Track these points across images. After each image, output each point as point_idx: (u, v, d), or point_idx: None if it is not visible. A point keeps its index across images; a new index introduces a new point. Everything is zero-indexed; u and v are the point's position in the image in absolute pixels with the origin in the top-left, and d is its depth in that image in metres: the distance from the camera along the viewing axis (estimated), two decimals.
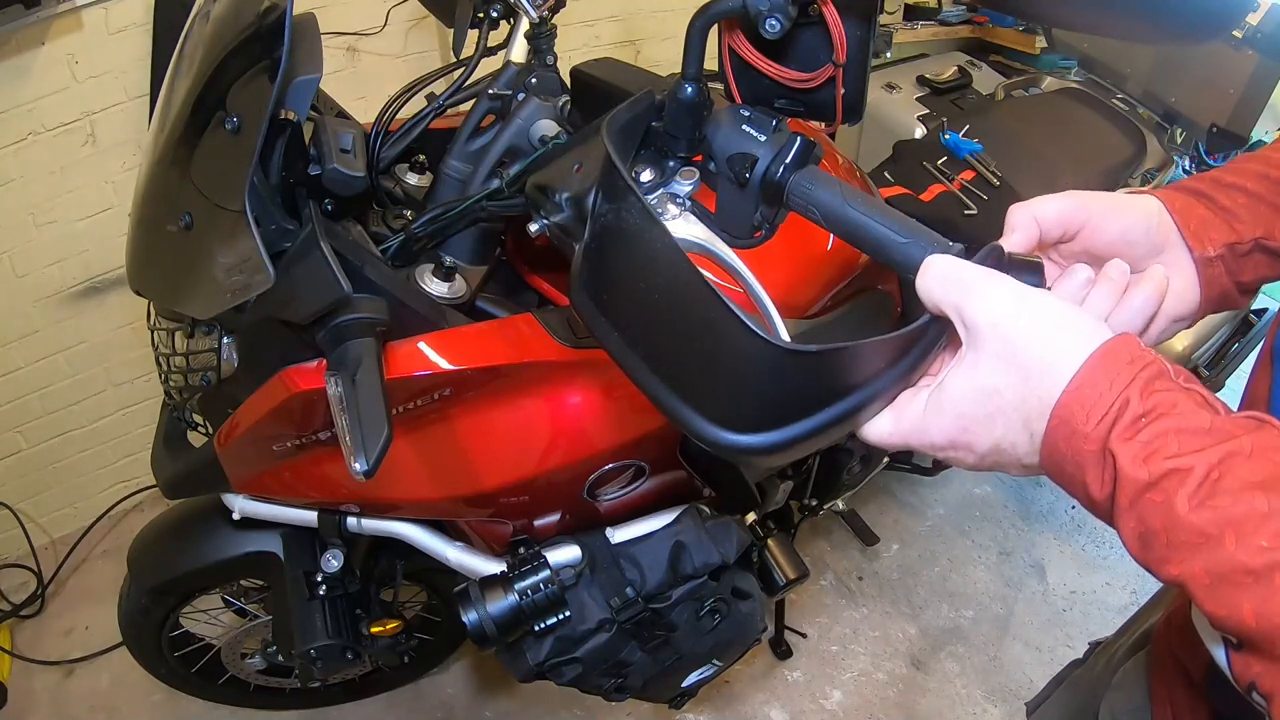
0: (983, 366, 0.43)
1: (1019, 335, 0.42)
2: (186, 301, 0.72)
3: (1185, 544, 0.36)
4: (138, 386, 1.87)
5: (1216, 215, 0.57)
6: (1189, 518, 0.36)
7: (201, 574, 1.16)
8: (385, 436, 0.58)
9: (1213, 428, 0.37)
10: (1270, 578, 0.33)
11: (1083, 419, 0.39)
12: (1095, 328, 0.42)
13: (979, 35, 2.48)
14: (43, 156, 1.48)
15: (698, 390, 0.48)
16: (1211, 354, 1.66)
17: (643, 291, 0.49)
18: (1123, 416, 0.38)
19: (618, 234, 0.49)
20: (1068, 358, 0.40)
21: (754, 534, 1.20)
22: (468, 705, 1.68)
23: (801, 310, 1.10)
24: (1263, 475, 0.35)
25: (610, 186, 0.50)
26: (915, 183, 1.47)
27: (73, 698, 1.66)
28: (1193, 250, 0.56)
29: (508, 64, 0.94)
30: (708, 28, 0.59)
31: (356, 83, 1.76)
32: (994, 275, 0.44)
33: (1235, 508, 0.35)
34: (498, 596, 0.96)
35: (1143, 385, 0.39)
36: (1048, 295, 0.44)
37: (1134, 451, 0.37)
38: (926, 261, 0.47)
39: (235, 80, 0.71)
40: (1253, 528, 0.34)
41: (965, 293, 0.44)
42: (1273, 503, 0.34)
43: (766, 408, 0.47)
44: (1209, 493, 0.35)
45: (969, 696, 1.73)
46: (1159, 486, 0.37)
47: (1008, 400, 0.42)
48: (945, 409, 0.45)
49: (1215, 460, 0.36)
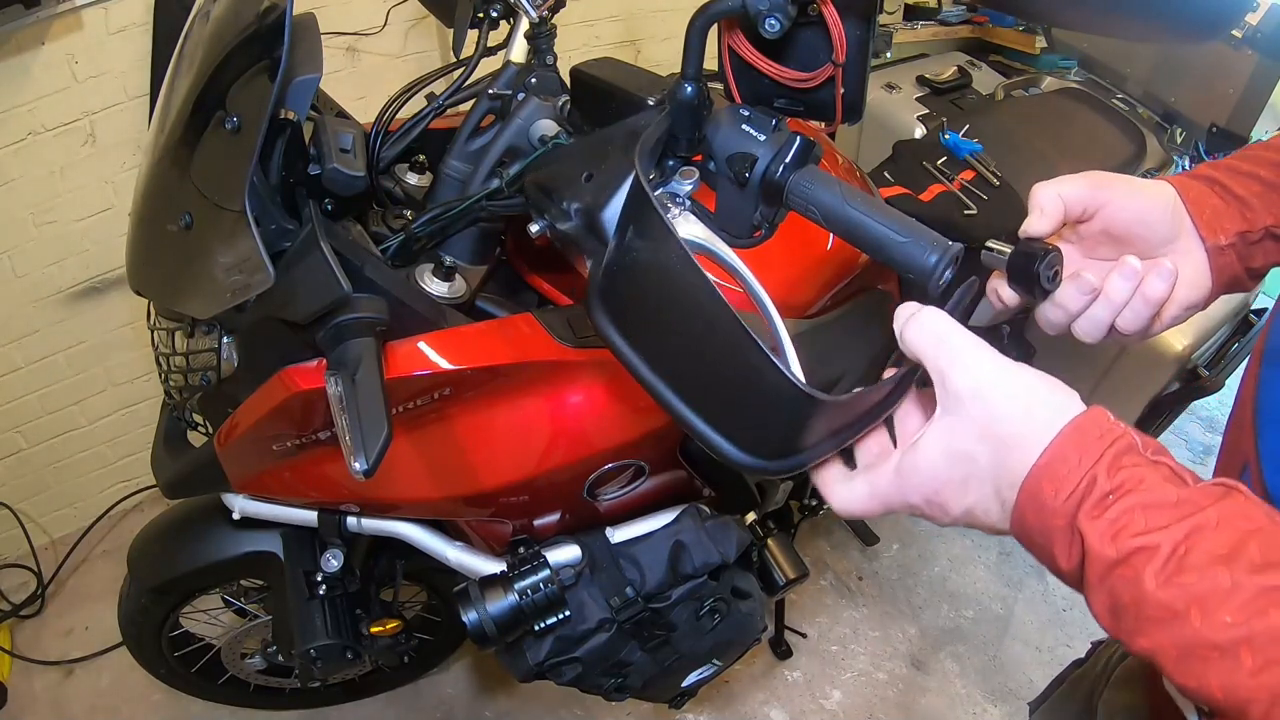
0: (959, 432, 0.44)
1: (997, 405, 0.42)
2: (186, 301, 0.72)
3: (1153, 619, 0.37)
4: (138, 386, 1.87)
5: (1229, 204, 0.59)
6: (1156, 594, 0.36)
7: (201, 574, 1.16)
8: (385, 436, 0.58)
9: (1179, 501, 0.37)
10: (1235, 653, 0.34)
11: (1051, 494, 0.40)
12: (1069, 403, 0.42)
13: (979, 35, 2.48)
14: (43, 156, 1.48)
15: (724, 418, 0.49)
16: (1211, 354, 1.66)
17: (675, 327, 0.49)
18: (1090, 494, 0.39)
19: (652, 271, 0.50)
20: (1040, 431, 0.41)
21: (754, 534, 1.19)
22: (468, 705, 1.68)
23: (801, 310, 1.10)
24: (1227, 547, 0.35)
25: (645, 223, 0.50)
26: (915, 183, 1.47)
27: (73, 698, 1.66)
28: (1205, 240, 0.58)
29: (508, 64, 0.94)
30: (707, 27, 0.59)
31: (356, 83, 1.76)
32: (979, 344, 0.45)
33: (1200, 584, 0.35)
34: (498, 596, 0.96)
35: (1110, 461, 0.39)
36: (1027, 369, 0.44)
37: (1101, 529, 0.38)
38: (915, 313, 0.47)
39: (235, 80, 0.71)
40: (1217, 603, 0.35)
41: (952, 358, 0.44)
42: (1236, 577, 0.34)
43: (789, 440, 0.49)
44: (1175, 569, 0.36)
45: (969, 696, 1.73)
46: (1127, 563, 0.37)
47: (982, 467, 0.43)
48: (921, 469, 0.45)
49: (1181, 536, 0.36)
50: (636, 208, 0.52)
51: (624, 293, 0.53)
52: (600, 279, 0.54)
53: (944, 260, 0.53)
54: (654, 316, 0.52)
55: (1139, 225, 0.57)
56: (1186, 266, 0.59)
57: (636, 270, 0.51)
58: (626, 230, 0.52)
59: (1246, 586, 0.34)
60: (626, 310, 0.53)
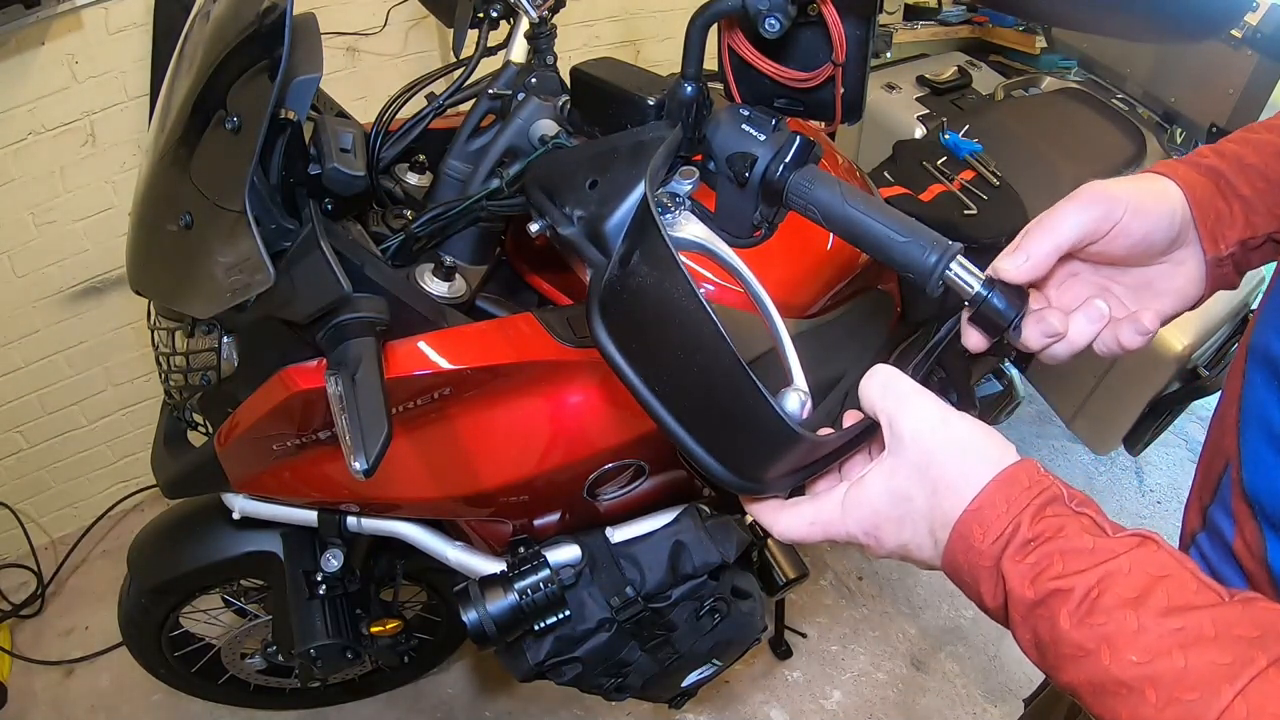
0: (900, 474, 0.46)
1: (935, 451, 0.45)
2: (186, 301, 0.72)
3: (1069, 656, 0.39)
4: (138, 386, 1.87)
5: (1233, 206, 0.56)
6: (1070, 634, 0.39)
7: (201, 574, 1.16)
8: (385, 435, 0.58)
9: (1095, 548, 0.40)
10: (1141, 690, 0.36)
11: (979, 537, 0.43)
12: (1002, 454, 0.45)
13: (979, 35, 2.47)
14: (43, 156, 1.48)
15: (717, 442, 0.51)
16: (1211, 354, 1.66)
17: (677, 357, 0.50)
18: (1014, 539, 0.42)
19: (657, 302, 0.50)
20: (972, 479, 0.44)
21: (754, 534, 1.19)
22: (468, 705, 1.68)
23: (801, 310, 1.10)
24: (1136, 591, 0.38)
25: (652, 252, 0.51)
26: (915, 183, 1.47)
27: (73, 698, 1.66)
28: (1206, 253, 0.56)
29: (508, 64, 0.94)
30: (707, 27, 0.59)
31: (356, 83, 1.76)
32: (923, 393, 0.48)
33: (1109, 625, 0.38)
34: (498, 596, 0.96)
35: (1034, 511, 0.42)
36: (967, 419, 0.47)
37: (1022, 572, 0.41)
38: (871, 370, 0.50)
39: (235, 80, 0.71)
40: (1124, 643, 0.37)
41: (899, 405, 0.47)
42: (1142, 619, 0.37)
43: (778, 467, 0.51)
44: (1087, 610, 0.39)
45: (969, 696, 1.73)
46: (1045, 604, 0.40)
47: (917, 507, 0.46)
48: (862, 504, 0.48)
49: (1094, 581, 0.39)
50: (644, 234, 0.52)
51: (624, 311, 0.53)
52: (601, 292, 0.54)
53: (944, 260, 0.53)
54: (653, 340, 0.52)
55: (1142, 246, 0.54)
56: (1179, 277, 0.56)
57: (640, 294, 0.52)
58: (632, 252, 0.52)
59: (1151, 629, 0.37)
60: (625, 328, 0.53)
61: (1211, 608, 0.37)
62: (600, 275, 0.55)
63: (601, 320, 0.54)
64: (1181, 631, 0.36)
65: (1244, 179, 0.56)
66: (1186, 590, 0.38)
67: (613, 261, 0.54)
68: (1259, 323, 0.56)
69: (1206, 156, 0.58)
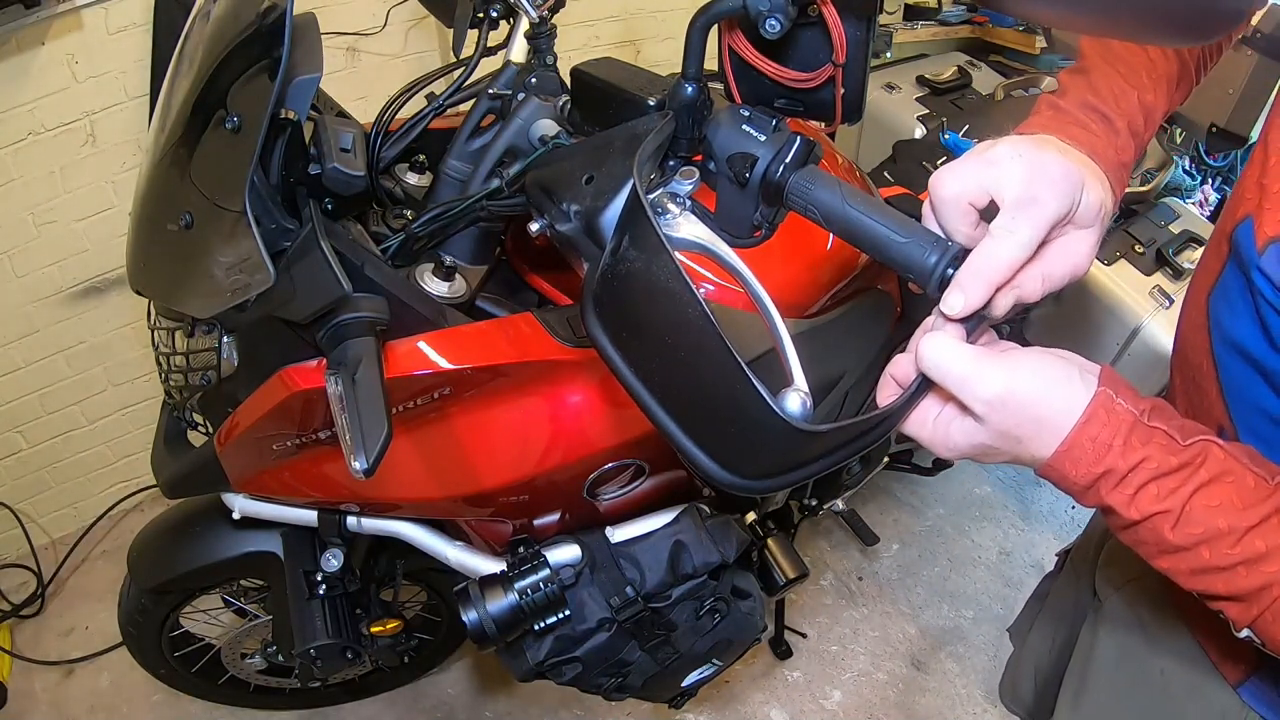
0: (980, 435, 0.52)
1: (1009, 421, 0.50)
2: (186, 301, 0.72)
3: (1170, 552, 0.50)
4: (138, 386, 1.87)
5: (1115, 140, 0.61)
6: (1171, 539, 0.49)
7: (201, 574, 1.16)
8: (385, 435, 0.58)
9: (1178, 468, 0.49)
10: (1234, 568, 0.49)
11: (1073, 472, 0.50)
12: (1071, 399, 0.49)
13: (979, 35, 2.47)
14: (43, 156, 1.49)
15: (709, 437, 0.51)
16: None
17: (666, 344, 0.50)
18: (1109, 475, 0.49)
19: (645, 286, 0.50)
20: (1056, 430, 0.50)
21: (754, 533, 1.20)
22: (468, 705, 1.68)
23: (801, 310, 1.10)
24: (1218, 500, 0.48)
25: (639, 234, 0.51)
26: (915, 183, 1.47)
27: (73, 698, 1.66)
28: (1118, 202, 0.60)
29: (508, 64, 0.94)
30: (708, 28, 0.59)
31: (356, 83, 1.76)
32: (980, 363, 0.50)
33: (1203, 530, 0.49)
34: (498, 596, 0.96)
35: (1121, 445, 0.49)
36: (1030, 370, 0.50)
37: (1124, 500, 0.50)
38: (920, 352, 0.52)
39: (235, 80, 0.71)
40: (1218, 541, 0.49)
41: (962, 383, 0.51)
42: (1231, 521, 0.48)
43: (773, 463, 0.51)
44: (1185, 521, 0.49)
45: (969, 696, 1.73)
46: (1148, 522, 0.49)
47: (1003, 455, 0.53)
48: (951, 450, 0.55)
49: (1187, 496, 0.49)
50: (631, 217, 0.52)
51: (616, 301, 0.53)
52: (595, 284, 0.54)
53: (943, 260, 0.53)
54: (643, 327, 0.52)
55: None
56: (1081, 244, 0.56)
57: (629, 280, 0.51)
58: (622, 238, 0.52)
59: (1238, 526, 0.48)
60: (618, 318, 0.53)
61: (1268, 499, 0.48)
62: (594, 267, 0.55)
63: (594, 310, 0.54)
64: (1260, 526, 0.48)
65: (1118, 111, 0.62)
66: (1245, 486, 0.49)
67: (606, 251, 0.54)
68: (1214, 295, 0.61)
69: (1080, 104, 0.62)
